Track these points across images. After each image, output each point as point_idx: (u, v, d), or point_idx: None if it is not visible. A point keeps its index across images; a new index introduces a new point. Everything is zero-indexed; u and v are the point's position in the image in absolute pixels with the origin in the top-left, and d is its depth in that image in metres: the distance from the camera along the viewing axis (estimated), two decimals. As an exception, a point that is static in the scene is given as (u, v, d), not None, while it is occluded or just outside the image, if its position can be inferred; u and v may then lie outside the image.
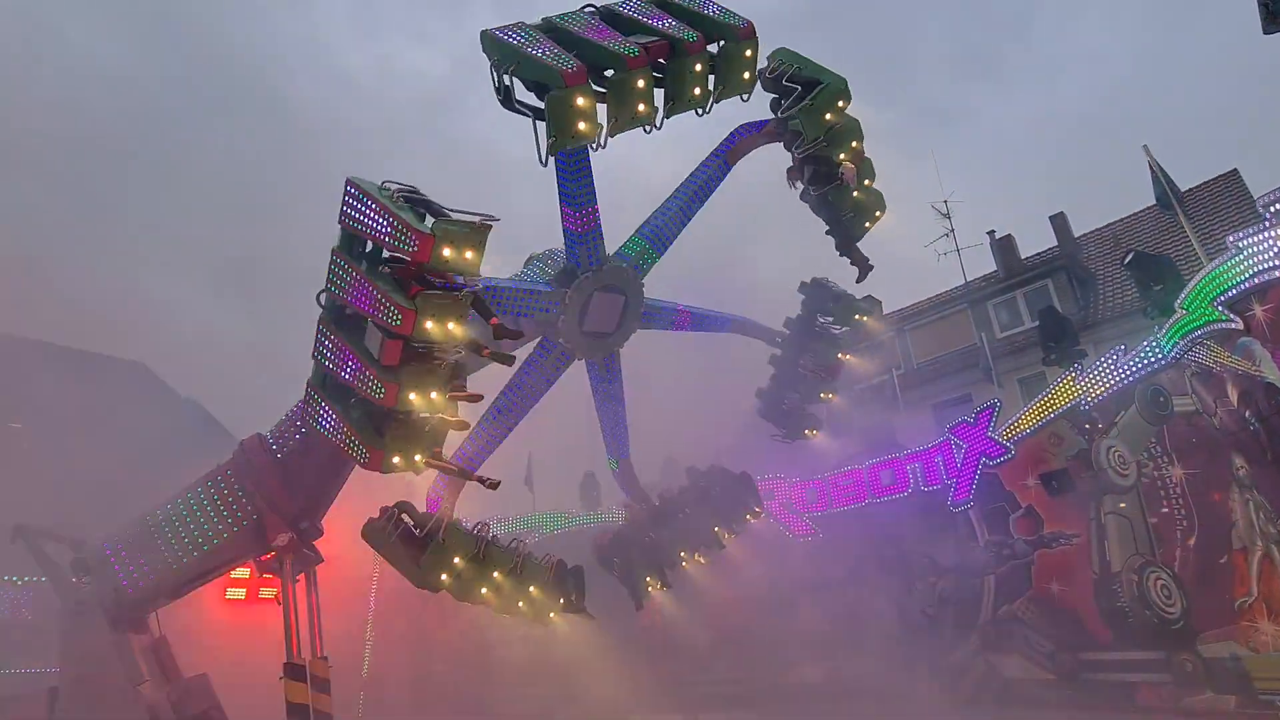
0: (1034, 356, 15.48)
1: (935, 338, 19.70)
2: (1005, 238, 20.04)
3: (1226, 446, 10.45)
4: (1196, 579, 10.43)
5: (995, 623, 12.64)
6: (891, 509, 14.29)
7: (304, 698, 8.27)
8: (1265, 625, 9.72)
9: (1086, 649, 11.45)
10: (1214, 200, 17.39)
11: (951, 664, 13.10)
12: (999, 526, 12.83)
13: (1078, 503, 11.83)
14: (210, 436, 23.32)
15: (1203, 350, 10.61)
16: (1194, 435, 10.77)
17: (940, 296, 21.00)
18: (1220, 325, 10.22)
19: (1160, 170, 12.78)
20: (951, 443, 13.48)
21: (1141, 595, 10.90)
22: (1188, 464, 10.77)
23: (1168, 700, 10.38)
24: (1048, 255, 19.56)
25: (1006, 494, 12.77)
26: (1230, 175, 17.84)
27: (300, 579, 9.13)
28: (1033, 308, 17.35)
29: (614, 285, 9.78)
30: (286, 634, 8.49)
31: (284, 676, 8.28)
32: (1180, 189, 13.36)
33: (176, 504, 9.12)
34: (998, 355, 17.17)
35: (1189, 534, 10.61)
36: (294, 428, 9.01)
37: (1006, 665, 12.37)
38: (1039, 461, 12.33)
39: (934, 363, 19.35)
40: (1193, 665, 10.22)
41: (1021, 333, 17.67)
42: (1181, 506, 10.75)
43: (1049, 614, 11.99)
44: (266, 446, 9.08)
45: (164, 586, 9.01)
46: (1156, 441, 11.12)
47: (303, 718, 8.20)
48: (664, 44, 6.88)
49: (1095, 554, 11.57)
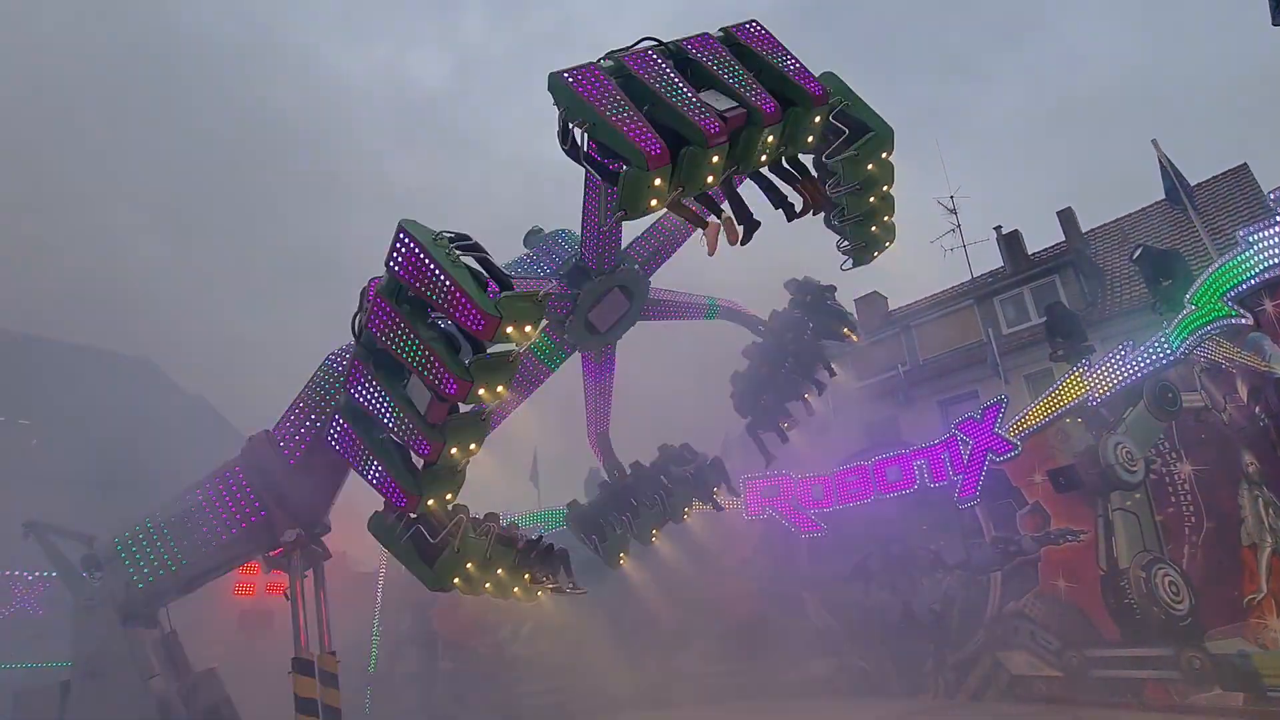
0: (1041, 352, 15.41)
1: (941, 334, 19.62)
2: (1012, 233, 19.93)
3: (1236, 443, 10.39)
4: (1205, 576, 10.39)
5: (1001, 619, 12.62)
6: (898, 505, 14.28)
7: (312, 692, 8.33)
8: (1274, 622, 9.68)
9: (1093, 646, 11.42)
10: (1224, 195, 17.26)
11: (957, 660, 13.10)
12: (1005, 523, 12.81)
13: (1085, 499, 11.79)
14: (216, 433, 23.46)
15: (1212, 346, 10.55)
16: (1203, 431, 10.71)
17: (947, 292, 20.91)
18: (1230, 321, 10.15)
19: (1170, 164, 12.69)
20: (958, 439, 13.43)
21: (1149, 592, 10.86)
22: (1196, 460, 10.71)
23: (1175, 697, 10.35)
24: (1055, 250, 19.45)
25: (1013, 490, 12.73)
26: (1240, 169, 17.70)
27: (308, 574, 9.20)
28: (1040, 303, 17.27)
29: (624, 286, 9.79)
30: (295, 629, 8.55)
31: (292, 671, 8.34)
32: (1190, 183, 13.26)
33: (185, 500, 9.18)
34: (1005, 351, 17.10)
35: (1197, 531, 10.56)
36: (301, 424, 9.05)
37: (1013, 661, 12.36)
38: (1046, 458, 12.28)
39: (940, 359, 19.28)
40: (1200, 662, 10.18)
41: (1028, 328, 17.59)
42: (1190, 503, 10.70)
43: (1056, 610, 11.96)
44: (274, 443, 9.11)
45: (173, 582, 9.08)
46: (1165, 438, 11.07)
47: (311, 712, 8.26)
48: (743, 114, 6.15)
49: (1103, 550, 11.53)
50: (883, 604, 14.32)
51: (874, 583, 14.53)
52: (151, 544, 8.97)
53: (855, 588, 14.78)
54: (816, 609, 15.21)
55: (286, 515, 8.76)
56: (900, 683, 13.79)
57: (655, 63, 6.09)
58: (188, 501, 9.12)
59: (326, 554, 9.54)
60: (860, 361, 21.09)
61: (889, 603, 14.23)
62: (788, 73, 6.49)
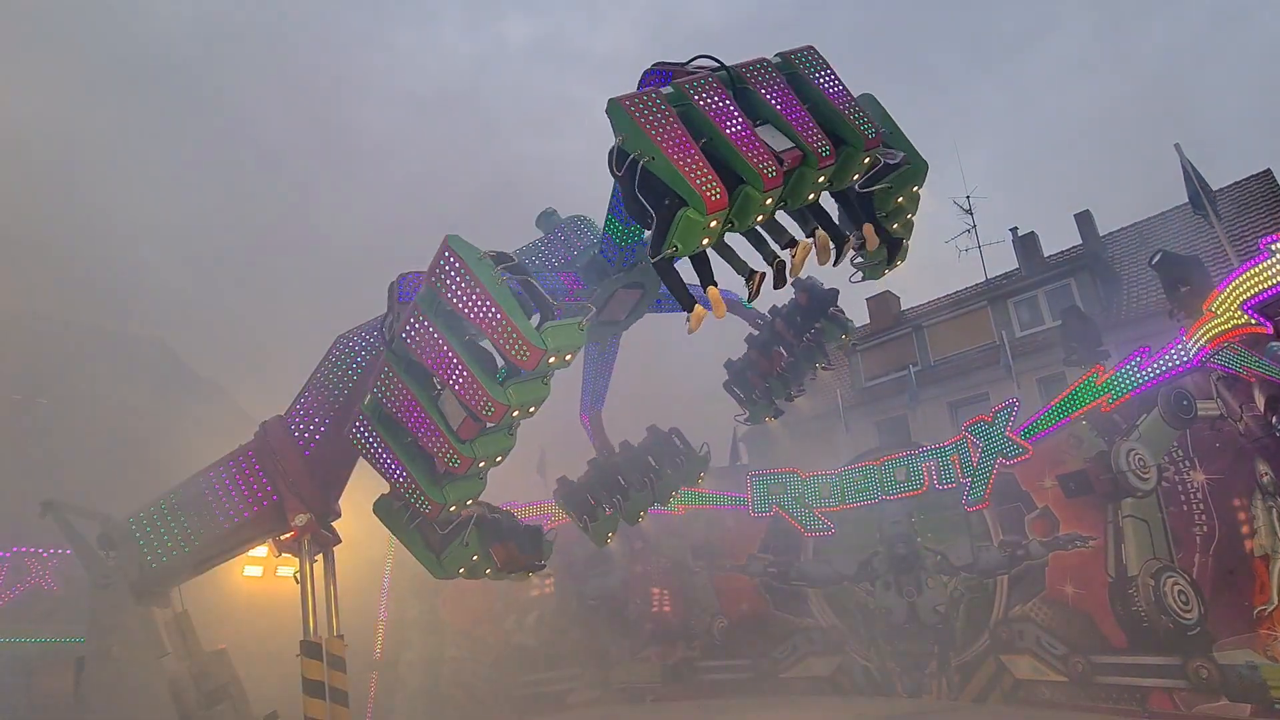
0: (1054, 356, 15.28)
1: (954, 335, 19.50)
2: (1028, 235, 19.75)
3: (1250, 452, 10.28)
4: (1215, 585, 10.31)
5: (1007, 623, 12.59)
6: (906, 506, 14.25)
7: (320, 675, 8.44)
8: (1284, 634, 9.61)
9: (1099, 652, 11.38)
10: (1246, 201, 17.01)
11: (961, 662, 13.08)
12: (1014, 527, 12.75)
13: (1095, 505, 11.71)
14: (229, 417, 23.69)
15: (1229, 354, 10.42)
16: (1217, 440, 10.60)
17: (960, 293, 20.76)
18: (1249, 329, 10.03)
19: (1192, 169, 12.50)
20: (968, 441, 13.38)
21: (1158, 600, 10.79)
22: (1210, 469, 10.61)
23: (1181, 706, 10.30)
24: (1072, 253, 19.26)
25: (1023, 494, 12.67)
26: (1263, 175, 17.43)
27: (318, 559, 9.29)
28: (1054, 307, 17.11)
29: (639, 282, 9.73)
30: (304, 613, 8.66)
31: (301, 654, 8.45)
32: (1212, 188, 13.06)
33: (199, 482, 9.29)
34: (1018, 354, 16.97)
35: (1209, 540, 10.47)
36: (314, 410, 9.13)
37: (1017, 666, 12.33)
38: (1057, 462, 12.21)
39: (952, 360, 19.17)
40: (1208, 672, 10.12)
41: (1042, 332, 17.44)
42: (1202, 512, 10.61)
43: (1062, 616, 11.91)
44: (286, 428, 9.21)
45: (186, 562, 9.20)
46: (1178, 445, 10.97)
47: (318, 694, 8.37)
48: (799, 155, 5.88)
49: (1111, 557, 11.46)
50: (887, 604, 14.32)
51: (879, 583, 14.53)
52: (165, 524, 9.09)
53: (860, 587, 14.78)
54: (820, 607, 15.23)
55: (298, 500, 8.85)
56: (903, 683, 13.81)
57: (716, 93, 5.82)
58: (201, 484, 9.23)
59: (336, 539, 9.64)
60: (871, 360, 21.03)
61: (894, 603, 14.22)
62: (844, 112, 6.21)
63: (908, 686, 13.71)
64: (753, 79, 6.04)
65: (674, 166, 5.40)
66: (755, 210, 5.79)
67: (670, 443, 12.46)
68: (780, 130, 5.90)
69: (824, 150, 5.88)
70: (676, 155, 5.42)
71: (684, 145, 5.49)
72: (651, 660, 16.37)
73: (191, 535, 9.06)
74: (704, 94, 5.76)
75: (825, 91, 6.23)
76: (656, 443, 12.45)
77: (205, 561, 9.44)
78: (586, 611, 17.01)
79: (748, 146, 5.60)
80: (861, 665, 14.49)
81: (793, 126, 5.88)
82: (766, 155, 5.62)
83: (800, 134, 5.87)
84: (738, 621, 15.95)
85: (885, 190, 7.26)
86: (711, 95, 5.77)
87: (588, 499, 11.65)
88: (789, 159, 5.77)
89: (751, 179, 5.59)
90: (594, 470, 12.06)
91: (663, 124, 5.53)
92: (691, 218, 5.49)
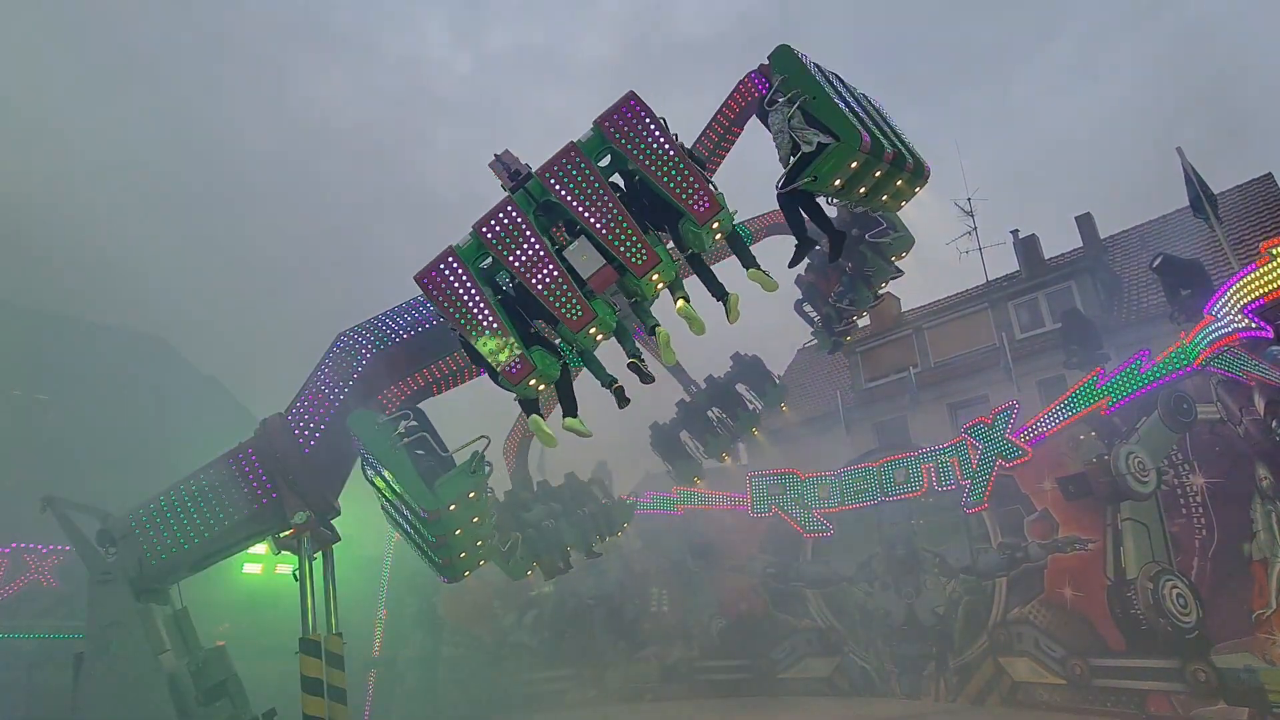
0: (1054, 359, 15.28)
1: (954, 337, 19.49)
2: (1029, 237, 19.74)
3: (1250, 456, 10.30)
4: (1213, 589, 10.32)
5: (1005, 625, 12.59)
6: (904, 508, 14.25)
7: (318, 672, 8.43)
8: (1282, 638, 9.62)
9: (1098, 655, 11.38)
10: (1247, 205, 17.01)
11: (960, 664, 13.09)
12: (1013, 529, 12.75)
13: (1094, 508, 11.72)
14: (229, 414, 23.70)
15: (1230, 358, 10.43)
16: (1217, 444, 10.61)
17: (960, 295, 20.76)
18: (1249, 333, 10.04)
19: (1194, 173, 12.51)
20: (968, 443, 13.38)
21: (1156, 603, 10.80)
22: (1209, 473, 10.62)
23: (1179, 710, 10.30)
24: (1072, 256, 19.26)
25: (1022, 496, 12.67)
26: (1265, 179, 17.44)
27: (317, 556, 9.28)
28: (1055, 309, 17.11)
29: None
30: (303, 610, 8.65)
31: (299, 651, 8.45)
32: (1213, 192, 13.07)
33: (199, 479, 9.28)
34: (1018, 356, 16.97)
35: (1208, 543, 10.48)
36: (314, 409, 9.13)
37: (1016, 668, 12.34)
38: (1056, 465, 12.21)
39: (952, 362, 19.17)
40: (1206, 676, 10.13)
41: (1043, 334, 17.43)
42: (1201, 515, 10.61)
43: (1061, 618, 11.92)
44: (287, 426, 9.21)
45: (185, 559, 9.20)
46: (1178, 449, 10.97)
47: (316, 692, 8.36)
48: (894, 154, 6.57)
49: (1110, 560, 11.46)
50: (886, 606, 14.32)
51: (877, 584, 14.53)
52: (165, 521, 9.08)
53: (858, 588, 14.78)
54: (819, 608, 15.24)
55: (297, 498, 8.85)
56: (901, 685, 13.81)
57: (829, 77, 6.73)
58: (201, 481, 9.23)
59: (336, 537, 9.63)
60: (871, 362, 21.03)
61: (892, 605, 14.23)
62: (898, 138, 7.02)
63: (906, 688, 13.72)
64: (840, 84, 6.85)
65: (836, 107, 6.30)
66: (852, 175, 6.43)
67: (756, 369, 12.98)
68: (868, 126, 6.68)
69: (890, 146, 6.61)
70: (839, 100, 6.40)
71: (834, 92, 6.49)
72: (649, 660, 16.38)
73: (191, 532, 9.06)
74: (827, 76, 6.73)
75: (889, 119, 7.07)
76: (741, 371, 12.96)
77: (205, 558, 9.43)
78: (585, 611, 17.03)
79: (853, 113, 6.50)
80: (860, 666, 14.50)
81: (887, 132, 6.83)
82: (866, 127, 6.46)
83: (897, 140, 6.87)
84: (736, 622, 15.96)
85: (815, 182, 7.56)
86: (828, 78, 6.70)
87: (677, 441, 12.22)
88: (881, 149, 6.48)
89: (850, 138, 6.24)
90: (682, 410, 12.60)
91: (826, 77, 6.70)
92: (844, 150, 6.17)
